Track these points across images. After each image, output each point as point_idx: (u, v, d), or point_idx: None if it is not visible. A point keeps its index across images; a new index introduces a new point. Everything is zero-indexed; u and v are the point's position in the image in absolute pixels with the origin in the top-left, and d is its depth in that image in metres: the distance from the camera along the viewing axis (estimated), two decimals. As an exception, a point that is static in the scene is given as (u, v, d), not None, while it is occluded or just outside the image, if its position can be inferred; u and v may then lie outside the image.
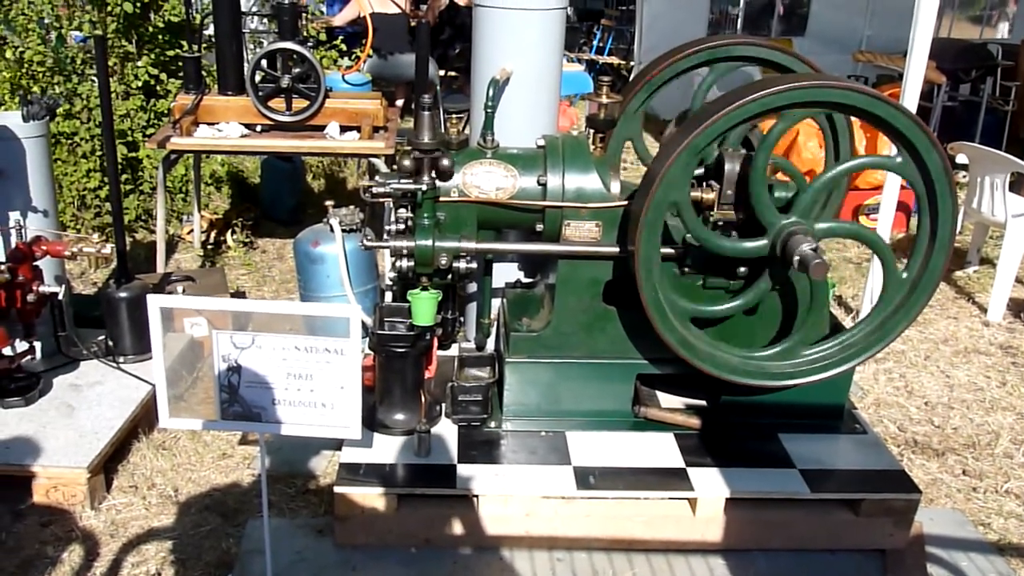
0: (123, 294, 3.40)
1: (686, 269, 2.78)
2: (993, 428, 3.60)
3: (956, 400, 3.81)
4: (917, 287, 2.68)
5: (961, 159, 5.05)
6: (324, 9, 8.14)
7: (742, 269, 2.72)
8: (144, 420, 3.21)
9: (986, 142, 6.19)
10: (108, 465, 3.01)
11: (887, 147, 3.44)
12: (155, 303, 2.22)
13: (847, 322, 4.31)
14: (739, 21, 10.22)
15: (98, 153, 5.01)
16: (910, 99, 3.87)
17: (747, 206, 2.61)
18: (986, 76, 8.00)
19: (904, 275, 2.70)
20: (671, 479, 2.72)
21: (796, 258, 2.46)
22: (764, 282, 2.67)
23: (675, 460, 2.80)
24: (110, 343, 3.42)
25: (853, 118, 2.93)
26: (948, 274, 5.10)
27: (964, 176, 5.55)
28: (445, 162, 2.67)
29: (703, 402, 3.06)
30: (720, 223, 2.70)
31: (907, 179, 2.58)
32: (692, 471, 2.74)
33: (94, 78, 4.96)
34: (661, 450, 2.84)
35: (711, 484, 2.69)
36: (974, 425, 3.62)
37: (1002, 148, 6.37)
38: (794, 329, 2.76)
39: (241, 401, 2.31)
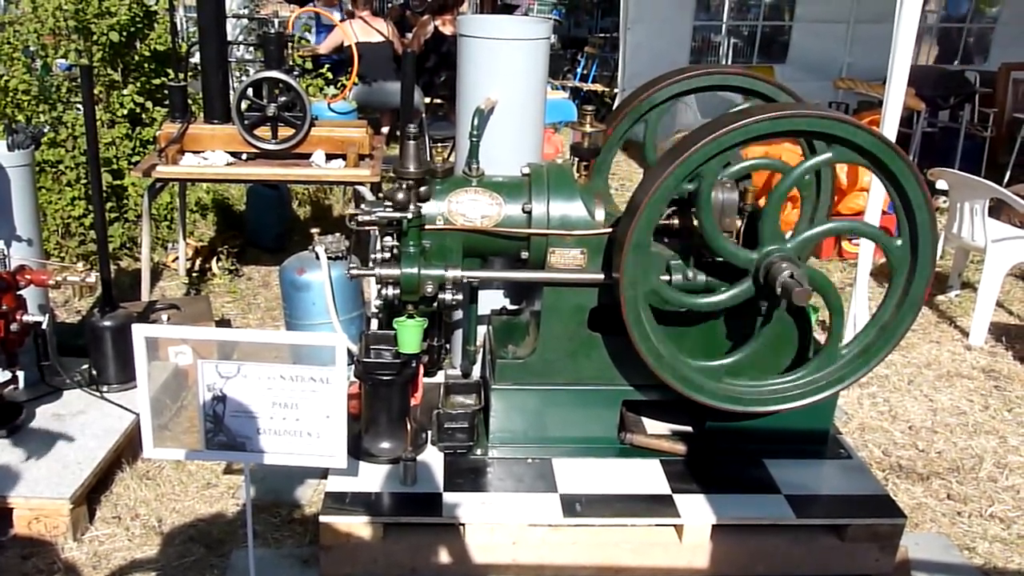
0: (107, 323, 3.39)
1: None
2: (977, 452, 3.62)
3: (940, 424, 3.83)
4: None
5: (941, 185, 5.12)
6: (311, 38, 8.20)
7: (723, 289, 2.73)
8: (128, 450, 3.19)
9: (965, 168, 6.28)
10: (91, 496, 2.98)
11: (868, 173, 3.49)
12: (140, 333, 2.22)
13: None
14: (721, 49, 10.35)
15: (83, 181, 5.01)
16: (890, 126, 3.93)
17: (747, 225, 2.65)
18: (964, 103, 8.13)
19: (843, 351, 2.79)
20: (657, 506, 2.72)
21: (779, 284, 2.49)
22: (744, 286, 2.66)
23: (661, 487, 2.80)
24: (94, 372, 3.40)
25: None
26: (930, 298, 5.14)
27: (944, 202, 5.62)
28: (423, 188, 2.70)
29: (689, 428, 3.07)
30: (704, 250, 2.73)
31: (890, 256, 2.63)
32: (678, 497, 2.74)
33: (79, 106, 4.97)
34: (647, 476, 2.85)
35: (697, 510, 2.69)
36: (958, 449, 3.64)
37: (981, 174, 6.46)
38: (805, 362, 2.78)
39: (226, 431, 2.31)
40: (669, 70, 3.25)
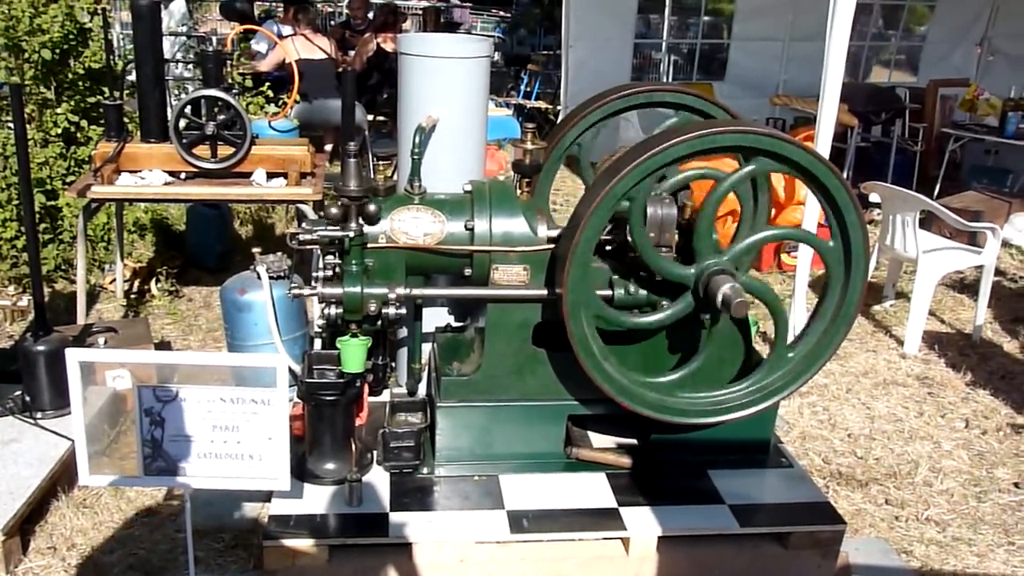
0: (41, 347, 3.30)
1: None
2: (913, 457, 3.71)
3: (877, 431, 3.93)
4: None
5: (874, 198, 5.27)
6: (261, 50, 8.10)
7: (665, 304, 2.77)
8: (64, 478, 3.10)
9: (897, 181, 6.49)
10: (25, 526, 2.89)
11: (805, 187, 3.57)
12: (74, 357, 2.17)
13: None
14: (662, 66, 10.52)
15: (15, 202, 4.88)
16: (823, 141, 4.03)
17: (685, 239, 2.68)
18: (895, 118, 8.39)
19: (791, 355, 2.82)
20: (604, 519, 2.73)
21: (718, 297, 2.53)
22: (685, 302, 2.71)
23: (608, 500, 2.81)
24: (27, 398, 3.31)
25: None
26: (866, 308, 5.28)
27: (878, 214, 5.78)
28: (371, 208, 2.68)
29: (633, 441, 3.10)
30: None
31: (827, 260, 2.69)
32: (624, 510, 2.76)
33: (10, 126, 4.85)
34: (594, 490, 2.86)
35: (643, 523, 2.71)
36: (895, 455, 3.74)
37: (913, 187, 6.67)
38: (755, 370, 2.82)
39: (165, 456, 2.26)
40: (611, 87, 3.29)
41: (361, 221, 2.71)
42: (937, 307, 5.38)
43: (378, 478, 2.86)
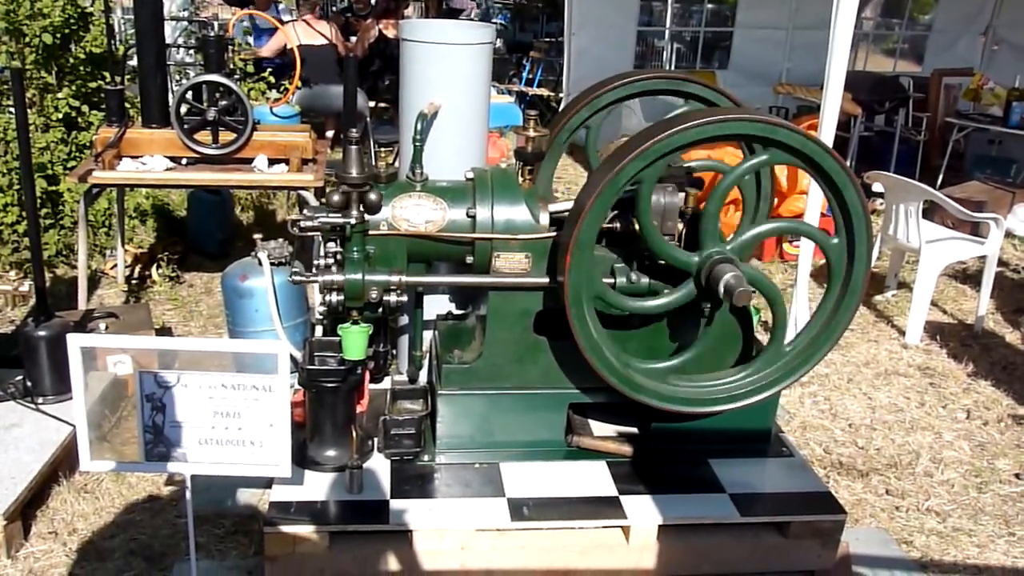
0: (42, 332, 3.30)
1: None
2: (913, 448, 3.71)
3: (878, 421, 3.93)
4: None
5: (877, 187, 5.25)
6: (251, 41, 8.09)
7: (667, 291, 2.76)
8: (65, 463, 3.11)
9: (900, 171, 6.46)
10: (26, 511, 2.90)
11: (807, 176, 3.56)
12: (75, 342, 2.17)
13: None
14: (665, 54, 10.48)
15: (16, 187, 4.87)
16: (827, 129, 4.02)
17: (689, 227, 2.67)
18: (899, 107, 8.35)
19: (789, 347, 2.83)
20: (604, 508, 2.74)
21: (721, 285, 2.53)
22: (687, 288, 2.70)
23: (608, 488, 2.81)
24: (28, 383, 3.31)
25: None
26: (868, 299, 5.27)
27: (881, 204, 5.76)
28: (372, 196, 2.67)
29: (634, 429, 3.09)
30: (646, 253, 2.76)
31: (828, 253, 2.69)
32: (625, 499, 2.76)
33: (11, 110, 4.83)
34: (594, 479, 2.86)
35: (644, 511, 2.71)
36: (895, 445, 3.73)
37: (916, 177, 6.64)
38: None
39: (166, 441, 2.26)
40: (613, 74, 3.28)
41: (362, 208, 2.70)
42: (939, 297, 5.37)
43: (379, 465, 2.86)
